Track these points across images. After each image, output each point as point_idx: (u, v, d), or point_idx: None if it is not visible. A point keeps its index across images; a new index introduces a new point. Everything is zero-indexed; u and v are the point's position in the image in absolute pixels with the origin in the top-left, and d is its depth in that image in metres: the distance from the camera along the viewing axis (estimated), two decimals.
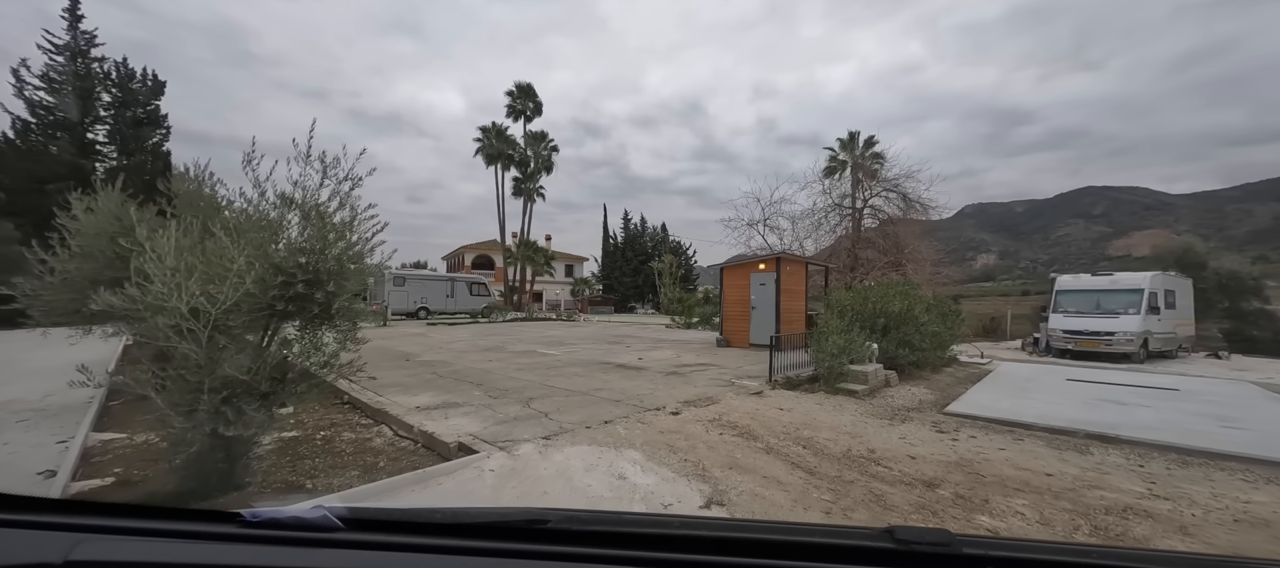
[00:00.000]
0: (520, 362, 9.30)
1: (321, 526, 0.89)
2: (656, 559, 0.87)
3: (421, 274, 26.52)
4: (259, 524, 0.88)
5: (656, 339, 14.68)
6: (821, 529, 1.24)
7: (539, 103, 38.71)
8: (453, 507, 1.04)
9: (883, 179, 20.42)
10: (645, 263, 48.01)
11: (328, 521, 0.89)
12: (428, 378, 7.43)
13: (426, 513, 1.01)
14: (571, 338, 14.75)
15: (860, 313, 8.36)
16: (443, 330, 17.65)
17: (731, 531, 1.07)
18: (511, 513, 1.00)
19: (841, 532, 1.10)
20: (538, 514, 0.96)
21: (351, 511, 0.93)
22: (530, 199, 39.22)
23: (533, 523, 0.95)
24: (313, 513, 0.90)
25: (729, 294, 12.56)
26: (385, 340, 13.14)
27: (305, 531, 0.89)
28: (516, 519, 0.97)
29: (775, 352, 7.53)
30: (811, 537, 1.04)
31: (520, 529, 0.97)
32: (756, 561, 0.88)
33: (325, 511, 0.91)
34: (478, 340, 13.49)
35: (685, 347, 12.42)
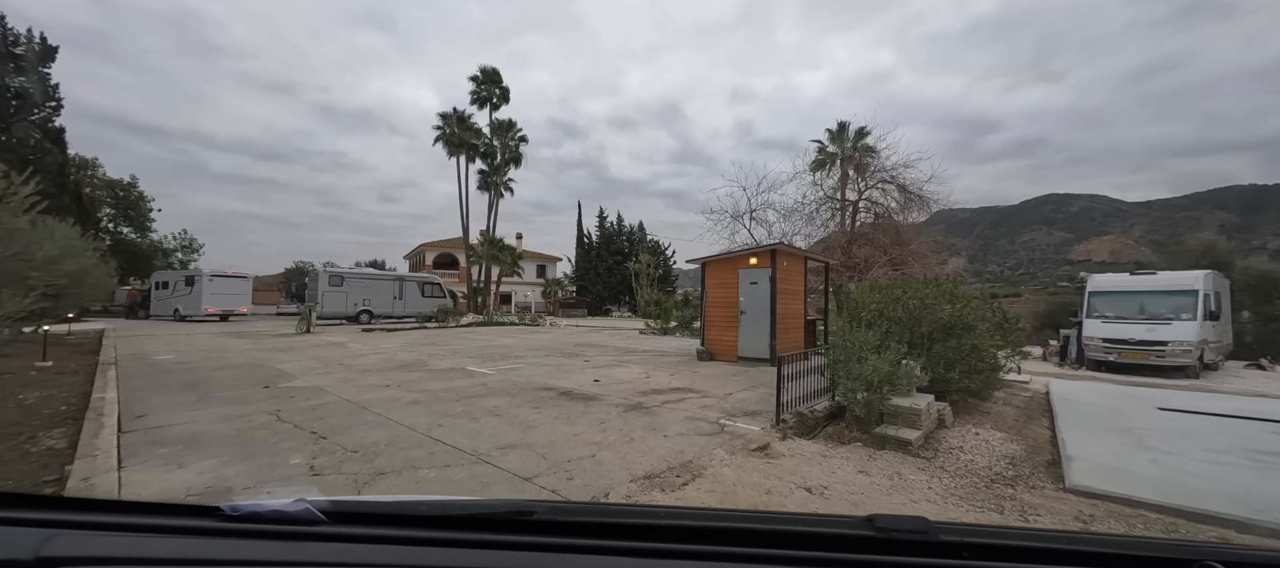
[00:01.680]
0: (431, 388, 6.76)
1: (304, 519, 0.87)
2: (642, 549, 0.88)
3: (363, 273, 23.49)
4: (239, 518, 0.86)
5: (625, 349, 12.26)
6: (805, 518, 1.24)
7: (505, 89, 35.90)
8: (438, 498, 1.03)
9: (881, 169, 18.47)
10: (621, 263, 45.55)
11: (310, 514, 0.87)
12: (258, 422, 4.85)
13: (411, 505, 1.00)
14: (523, 348, 12.21)
15: (892, 320, 6.11)
16: (371, 339, 14.85)
17: (716, 520, 1.09)
18: (497, 505, 1.00)
19: (825, 521, 1.13)
20: (524, 506, 0.96)
21: (335, 503, 0.91)
22: (497, 193, 36.33)
23: (519, 514, 0.94)
24: (294, 506, 0.88)
25: (713, 295, 10.23)
26: (278, 352, 10.40)
27: (287, 524, 0.86)
28: (502, 511, 0.97)
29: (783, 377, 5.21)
30: (795, 526, 1.05)
31: (506, 520, 0.96)
32: (741, 549, 0.89)
33: (308, 504, 0.89)
34: (401, 354, 10.83)
35: (659, 361, 10.04)
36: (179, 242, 37.32)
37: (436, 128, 33.95)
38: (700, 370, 8.70)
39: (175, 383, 6.91)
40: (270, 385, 6.77)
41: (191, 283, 23.00)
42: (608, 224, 49.32)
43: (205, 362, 9.05)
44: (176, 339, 13.44)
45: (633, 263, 41.40)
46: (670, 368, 8.97)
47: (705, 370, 8.69)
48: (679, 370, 8.67)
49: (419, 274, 27.58)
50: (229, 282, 23.94)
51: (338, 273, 22.24)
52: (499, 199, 36.45)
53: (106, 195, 31.99)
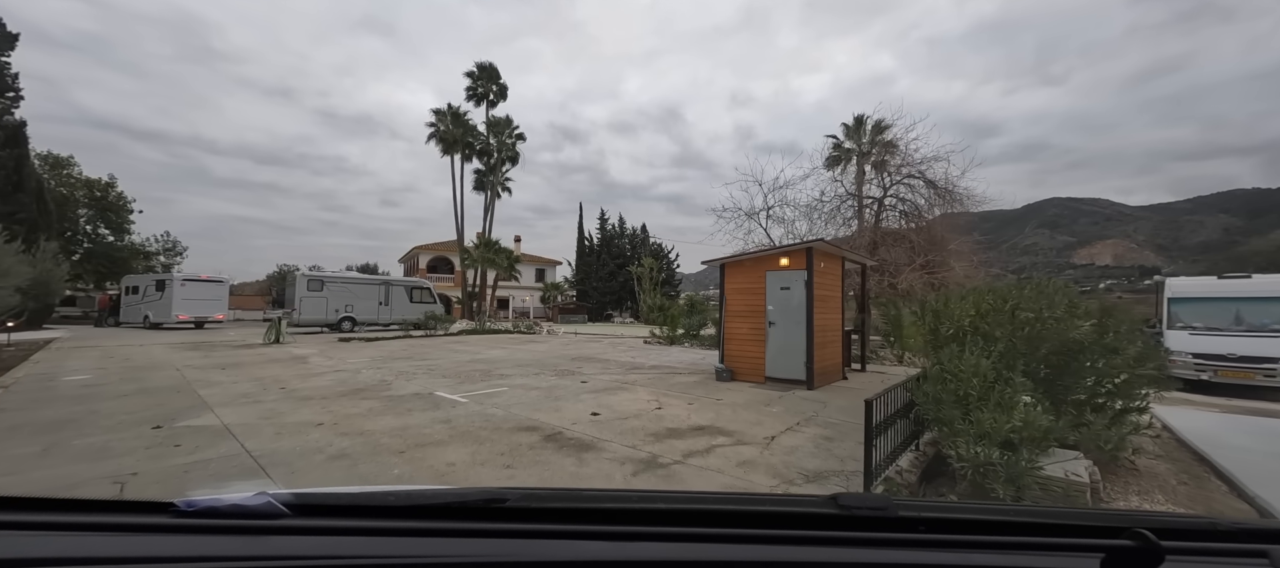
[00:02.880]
0: (374, 430, 5.12)
1: (265, 512, 0.84)
2: (616, 533, 0.88)
3: (344, 277, 21.83)
4: (195, 513, 0.83)
5: (629, 365, 10.60)
6: (773, 499, 1.31)
7: (503, 86, 34.43)
8: (408, 488, 1.02)
9: (908, 163, 16.82)
10: (623, 267, 43.93)
11: (272, 507, 0.84)
12: (91, 493, 3.21)
13: (380, 496, 0.97)
14: (511, 363, 10.57)
15: (988, 336, 4.46)
16: (342, 351, 13.21)
17: (688, 503, 1.09)
18: (469, 493, 0.98)
19: (792, 500, 1.26)
20: (496, 493, 0.94)
21: (298, 496, 0.89)
22: (493, 193, 34.81)
23: (491, 502, 0.93)
24: (255, 500, 0.84)
25: (734, 303, 8.59)
26: (219, 371, 8.77)
27: (247, 518, 0.83)
28: (475, 498, 0.95)
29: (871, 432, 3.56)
30: (764, 506, 1.07)
31: (479, 508, 0.94)
32: (713, 530, 0.91)
33: (269, 497, 0.85)
34: (364, 372, 9.20)
35: (670, 381, 8.40)
36: (161, 244, 35.81)
37: (430, 125, 32.46)
38: (723, 396, 7.05)
39: (42, 420, 5.28)
40: (164, 425, 5.14)
41: (162, 288, 21.43)
42: (609, 226, 47.74)
43: (119, 385, 7.43)
44: (116, 353, 11.82)
45: (635, 267, 39.80)
46: (685, 392, 7.33)
47: (730, 396, 7.05)
48: (697, 397, 7.02)
49: (406, 278, 25.97)
50: (203, 286, 22.36)
51: (316, 277, 20.60)
52: (496, 200, 34.93)
53: (83, 195, 30.49)
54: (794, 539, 0.88)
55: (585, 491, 1.46)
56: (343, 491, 1.00)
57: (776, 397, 7.03)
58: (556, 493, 1.19)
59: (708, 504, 1.07)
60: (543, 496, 1.04)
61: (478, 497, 0.94)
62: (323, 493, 0.96)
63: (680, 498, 1.22)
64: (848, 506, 0.92)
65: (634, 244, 46.91)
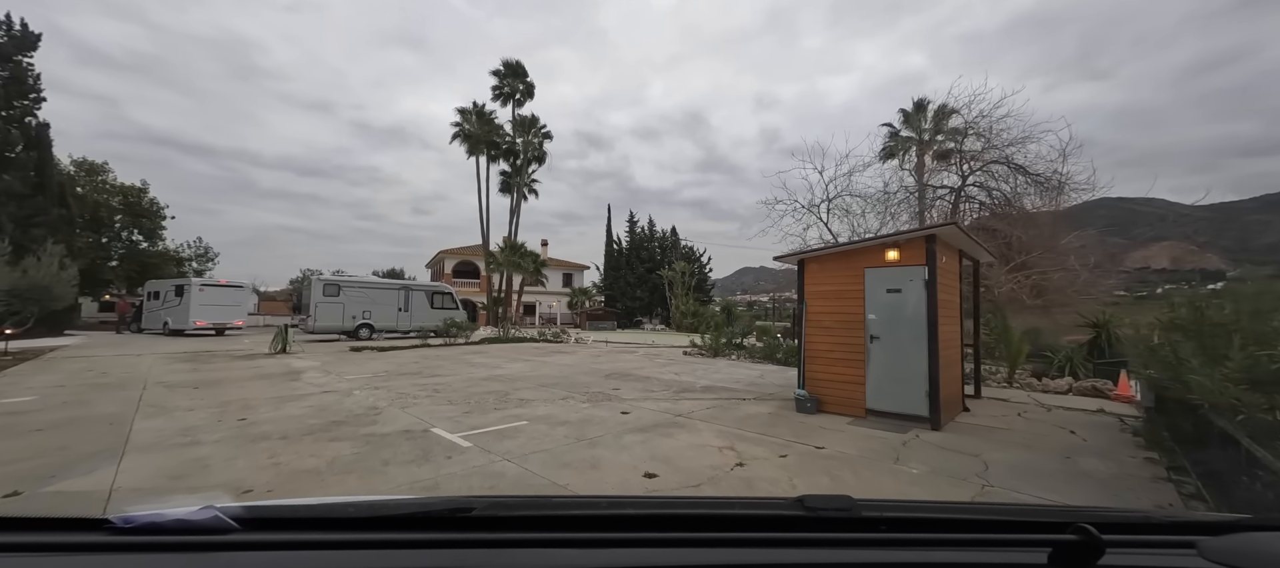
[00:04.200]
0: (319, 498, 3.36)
1: (212, 527, 0.78)
2: (586, 539, 0.86)
3: (362, 282, 20.63)
4: (133, 530, 0.77)
5: (677, 385, 8.70)
6: (742, 502, 1.25)
7: (530, 84, 33.20)
8: (368, 498, 0.95)
9: (995, 144, 14.38)
10: (653, 271, 42.09)
11: (219, 521, 0.79)
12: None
13: (338, 507, 0.93)
14: (535, 381, 8.81)
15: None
16: (347, 364, 11.74)
17: (658, 508, 1.08)
18: (434, 502, 0.93)
19: (760, 503, 1.21)
20: (462, 502, 0.91)
21: (248, 509, 0.84)
22: (519, 195, 33.55)
23: (457, 511, 0.89)
24: (201, 514, 0.79)
25: (818, 311, 6.59)
26: (191, 390, 7.30)
27: (192, 534, 0.78)
28: (439, 508, 0.91)
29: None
30: (733, 509, 1.07)
31: (444, 518, 0.90)
32: (682, 534, 0.90)
33: (216, 510, 0.80)
34: (355, 395, 7.59)
35: (734, 409, 6.46)
36: (194, 250, 35.93)
37: (455, 125, 31.45)
38: (822, 441, 5.09)
39: None
40: (30, 485, 3.53)
41: (181, 293, 20.72)
42: (638, 229, 46.04)
43: (51, 412, 5.99)
44: (98, 366, 10.62)
45: (666, 271, 37.92)
46: (764, 432, 5.38)
47: (831, 441, 5.08)
48: (784, 440, 5.07)
49: (427, 283, 24.75)
50: (222, 292, 21.59)
51: (333, 282, 19.45)
52: (522, 201, 33.65)
53: (119, 201, 30.62)
54: (762, 541, 0.89)
55: (555, 497, 1.43)
56: (298, 502, 0.96)
57: (898, 442, 5.01)
58: (525, 501, 1.22)
59: (678, 509, 1.08)
60: (511, 503, 1.02)
61: (442, 506, 0.91)
62: (276, 505, 0.91)
63: (650, 503, 1.25)
64: (813, 507, 0.93)
65: (664, 247, 45.05)
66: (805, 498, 0.95)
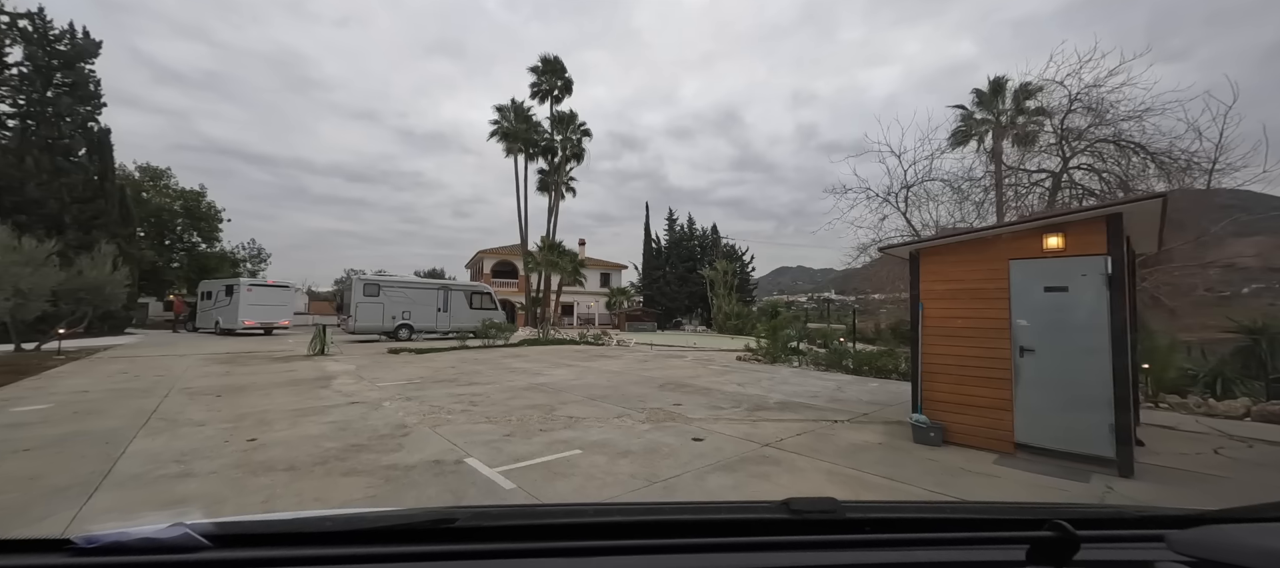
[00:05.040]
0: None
1: (182, 546, 0.75)
2: (572, 549, 0.85)
3: (402, 282, 20.31)
4: (97, 551, 0.74)
5: (747, 399, 7.46)
6: (728, 506, 1.17)
7: (568, 80, 32.55)
8: (346, 512, 0.92)
9: (1108, 118, 12.32)
10: (693, 271, 40.73)
11: (189, 539, 0.76)
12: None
13: (315, 522, 0.89)
14: (581, 393, 7.78)
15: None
16: (383, 368, 11.09)
17: (644, 514, 1.06)
18: (415, 514, 0.91)
19: (745, 507, 1.14)
20: (444, 513, 0.88)
21: (220, 526, 0.80)
22: (557, 193, 32.97)
23: (439, 523, 0.87)
24: (170, 532, 0.76)
25: (939, 315, 5.22)
26: (213, 399, 6.64)
27: (160, 554, 0.75)
28: (421, 520, 0.89)
29: None
30: (719, 514, 1.06)
31: (425, 531, 0.88)
32: (668, 540, 0.89)
33: (186, 528, 0.77)
34: (383, 408, 6.74)
35: (832, 437, 5.18)
36: (248, 251, 37.20)
37: (493, 123, 31.15)
38: (971, 487, 3.77)
39: None
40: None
41: (231, 293, 21.02)
42: (678, 227, 44.76)
43: (52, 426, 5.38)
44: (134, 368, 10.32)
45: (708, 271, 36.50)
46: (888, 474, 4.10)
47: (983, 489, 3.76)
48: (922, 486, 3.79)
49: (466, 283, 24.33)
50: (268, 292, 21.78)
51: (373, 282, 19.17)
52: (560, 200, 33.06)
53: (180, 205, 31.92)
54: (748, 546, 0.89)
55: (539, 506, 1.34)
56: (273, 517, 0.92)
57: (1084, 496, 3.63)
58: (509, 510, 1.16)
59: (664, 515, 1.04)
60: (495, 513, 1.00)
61: (424, 518, 0.88)
62: (250, 521, 0.87)
63: (636, 510, 1.17)
64: (799, 510, 0.94)
65: (704, 246, 43.61)
66: (790, 501, 0.95)
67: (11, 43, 17.75)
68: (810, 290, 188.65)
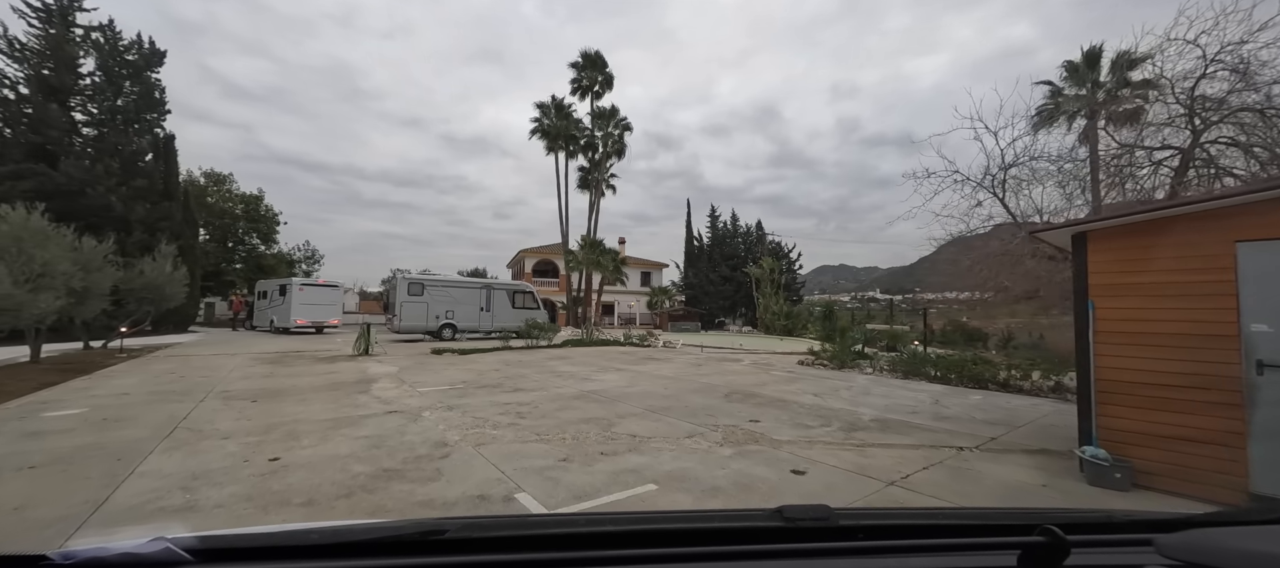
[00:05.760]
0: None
1: (163, 561, 0.74)
2: (565, 560, 0.84)
3: (445, 281, 20.08)
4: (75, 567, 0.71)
5: (832, 415, 6.34)
6: (721, 514, 1.17)
7: (609, 75, 31.88)
8: (332, 524, 0.90)
9: (1257, 85, 10.34)
10: (737, 269, 39.27)
11: (171, 554, 0.74)
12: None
13: (300, 534, 0.88)
14: (639, 403, 6.88)
15: None
16: (423, 370, 10.58)
17: (637, 524, 1.02)
18: (403, 526, 0.87)
19: (739, 515, 1.13)
20: (433, 525, 0.85)
21: (203, 540, 0.78)
22: (598, 191, 32.37)
23: (428, 534, 0.84)
24: (151, 547, 0.74)
25: (1118, 314, 3.99)
26: (247, 405, 6.14)
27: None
28: (409, 532, 0.85)
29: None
30: (712, 522, 1.05)
31: (414, 543, 0.85)
32: (662, 550, 0.88)
33: (167, 543, 0.75)
34: (423, 420, 6.06)
35: (966, 469, 4.04)
36: (302, 253, 38.55)
37: (533, 120, 30.86)
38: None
39: None
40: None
41: (284, 293, 21.45)
42: (721, 225, 43.40)
43: (75, 434, 4.94)
44: (182, 368, 10.20)
45: (753, 268, 35.00)
46: None
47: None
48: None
49: (508, 282, 24.01)
50: (319, 291, 22.12)
51: (417, 281, 19.01)
52: (600, 197, 32.45)
53: (242, 209, 33.35)
54: (742, 554, 0.89)
55: (531, 517, 1.36)
56: (258, 530, 0.88)
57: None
58: (500, 521, 1.15)
59: (658, 524, 1.01)
60: (485, 524, 0.98)
61: (413, 530, 0.86)
62: (234, 535, 0.86)
63: (629, 519, 1.12)
64: (792, 517, 0.92)
65: (748, 244, 42.02)
66: (784, 508, 0.94)
67: (85, 54, 18.60)
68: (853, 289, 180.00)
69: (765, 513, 0.95)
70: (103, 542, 0.75)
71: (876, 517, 1.12)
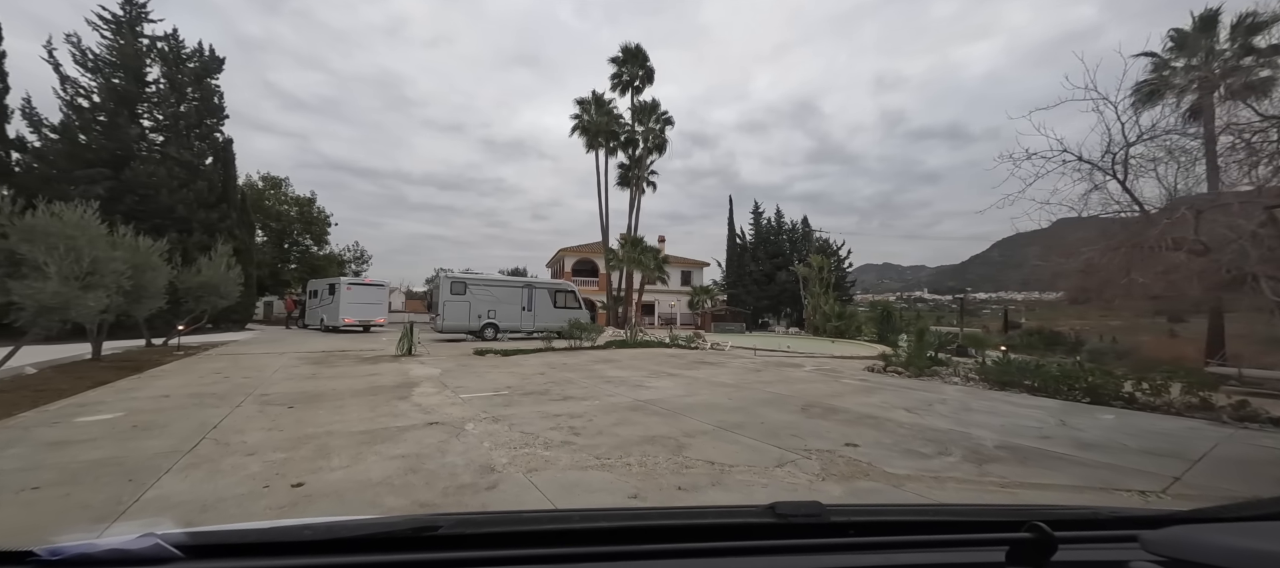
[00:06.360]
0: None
1: (152, 557, 0.72)
2: (559, 556, 0.83)
3: (487, 280, 19.79)
4: (62, 563, 0.71)
5: (962, 448, 5.26)
6: (714, 511, 1.21)
7: (650, 68, 31.12)
8: (325, 520, 0.88)
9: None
10: (782, 268, 37.68)
11: (160, 550, 0.73)
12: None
13: (293, 530, 0.88)
14: (705, 416, 6.00)
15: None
16: (467, 372, 10.07)
17: (630, 520, 1.06)
18: (397, 522, 0.87)
19: (732, 511, 1.14)
20: (427, 521, 0.86)
21: (193, 535, 0.78)
22: (638, 188, 31.64)
23: (422, 530, 0.84)
24: (139, 542, 0.73)
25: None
26: (284, 411, 5.68)
27: (129, 566, 0.72)
28: (403, 528, 0.86)
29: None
30: (705, 519, 1.08)
31: (408, 539, 0.84)
32: (656, 546, 0.89)
33: (156, 538, 0.74)
34: (466, 434, 5.41)
35: None
36: (352, 253, 39.69)
37: (573, 118, 30.41)
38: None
39: None
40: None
41: (333, 292, 21.80)
42: (764, 222, 41.86)
43: (99, 448, 4.53)
44: (232, 365, 10.06)
45: (801, 267, 33.38)
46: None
47: None
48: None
49: (550, 281, 23.59)
50: (366, 290, 22.37)
51: (459, 279, 18.79)
52: (640, 195, 31.72)
53: (296, 212, 34.57)
54: (735, 550, 0.89)
55: (525, 513, 1.30)
56: (249, 526, 0.88)
57: None
58: (494, 517, 1.15)
59: (651, 520, 1.04)
60: (479, 520, 0.97)
61: (406, 526, 0.85)
62: (224, 531, 0.87)
63: (622, 515, 1.15)
64: (784, 514, 0.93)
65: (793, 241, 40.32)
66: (776, 505, 0.95)
67: (151, 62, 19.38)
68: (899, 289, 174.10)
69: (758, 510, 0.96)
70: (90, 538, 0.73)
71: (868, 513, 1.11)
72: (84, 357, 10.52)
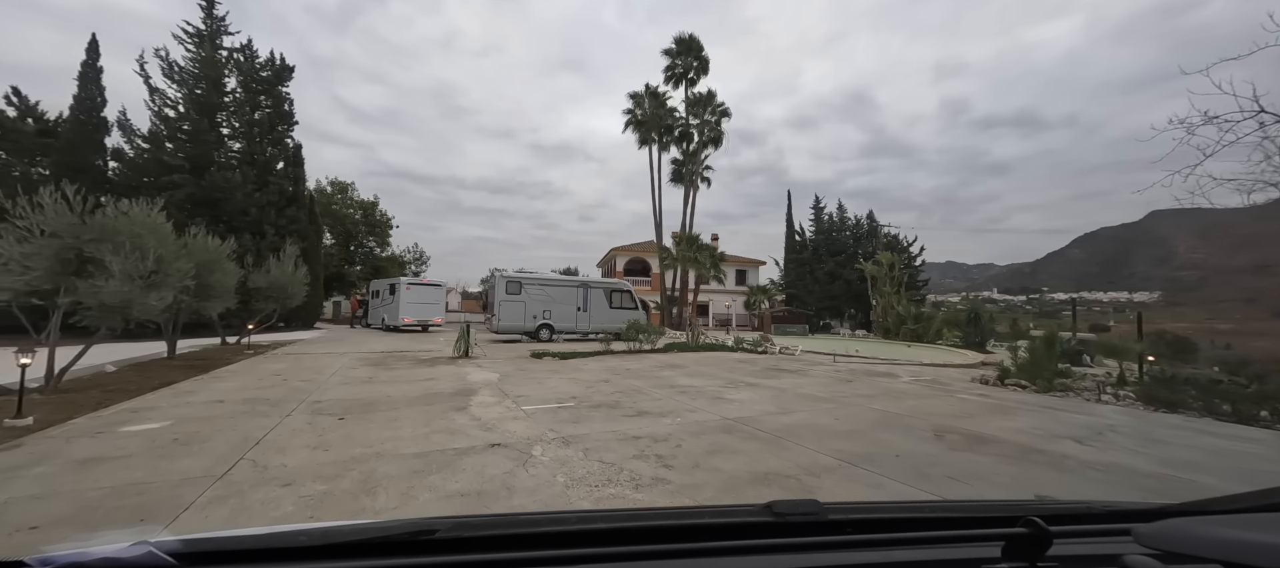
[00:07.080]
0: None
1: (145, 565, 0.71)
2: (556, 557, 0.83)
3: (542, 279, 19.29)
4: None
5: (1163, 488, 3.89)
6: (712, 510, 1.21)
7: (705, 59, 29.90)
8: (321, 525, 0.89)
9: None
10: (845, 267, 35.30)
11: (153, 558, 0.71)
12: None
13: (289, 536, 0.86)
14: (813, 440, 4.86)
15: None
16: (525, 378, 9.35)
17: (628, 521, 1.05)
18: (393, 526, 0.86)
19: (730, 511, 1.14)
20: (424, 525, 0.85)
21: (187, 543, 0.76)
22: (692, 184, 30.45)
23: (418, 534, 0.83)
24: (132, 551, 0.72)
25: None
26: (333, 422, 5.07)
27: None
28: (399, 532, 0.84)
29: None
30: (703, 518, 1.06)
31: (403, 543, 0.84)
32: (653, 546, 0.89)
33: (150, 546, 0.73)
34: (533, 463, 4.52)
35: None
36: (412, 255, 40.88)
37: (626, 112, 29.64)
38: None
39: None
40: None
41: (394, 292, 22.10)
42: (826, 217, 39.51)
43: (131, 469, 4.00)
44: (293, 367, 9.84)
45: (869, 265, 31.02)
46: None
47: None
48: None
49: (605, 280, 22.87)
50: (424, 290, 22.55)
51: (515, 279, 18.38)
52: (695, 191, 30.49)
53: (361, 216, 35.93)
54: (732, 550, 0.89)
55: (521, 515, 1.23)
56: (244, 533, 0.85)
57: None
58: (490, 520, 1.12)
59: (647, 521, 1.04)
60: (476, 523, 0.96)
61: (403, 530, 0.84)
62: (219, 538, 0.82)
63: (619, 516, 1.15)
64: (781, 513, 0.93)
65: (857, 237, 37.74)
66: (773, 504, 0.95)
67: (228, 73, 20.28)
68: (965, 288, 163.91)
69: (755, 509, 0.96)
70: (82, 547, 0.71)
71: (865, 511, 1.07)
72: (159, 355, 10.70)
